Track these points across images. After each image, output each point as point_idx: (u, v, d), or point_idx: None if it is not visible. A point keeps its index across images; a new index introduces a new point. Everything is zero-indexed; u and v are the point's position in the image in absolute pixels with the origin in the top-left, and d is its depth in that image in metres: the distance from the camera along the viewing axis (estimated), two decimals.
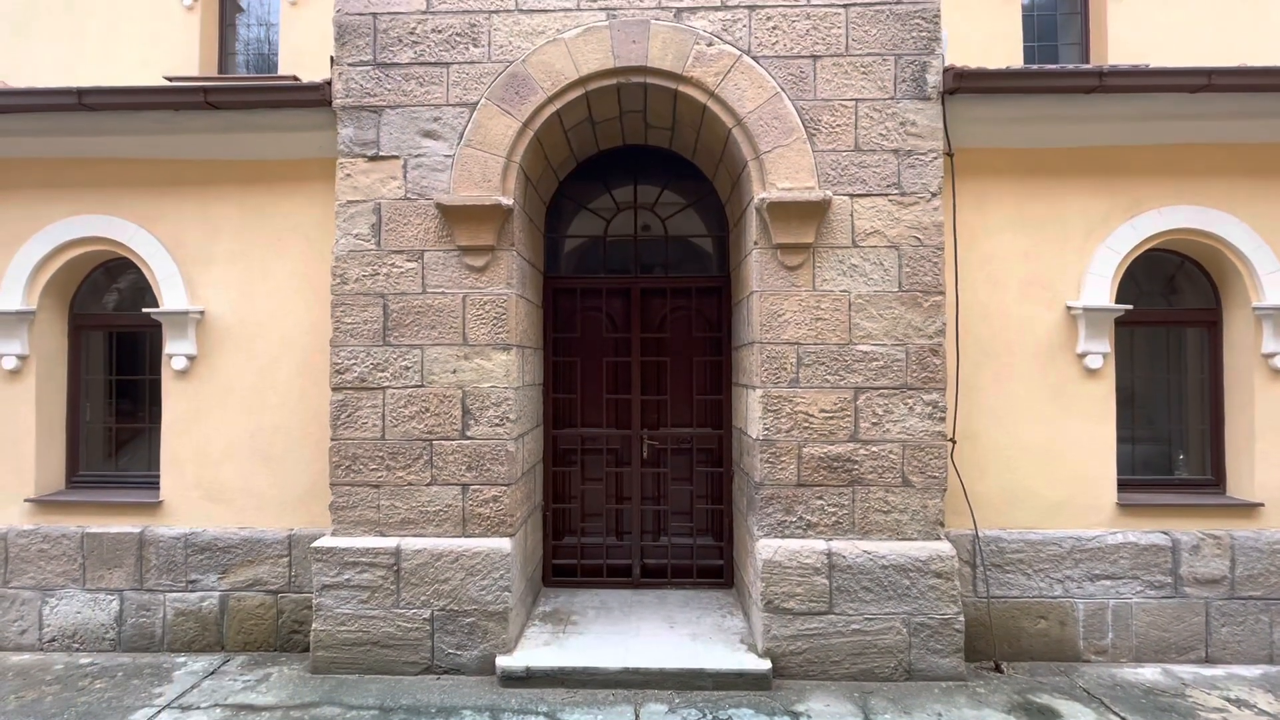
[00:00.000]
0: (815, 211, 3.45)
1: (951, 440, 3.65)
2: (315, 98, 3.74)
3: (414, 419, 3.63)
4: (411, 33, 3.67)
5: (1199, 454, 4.09)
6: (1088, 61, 5.83)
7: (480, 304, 3.63)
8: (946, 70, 3.55)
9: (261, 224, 4.01)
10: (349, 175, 3.66)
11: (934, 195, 3.52)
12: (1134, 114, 3.67)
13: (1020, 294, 3.78)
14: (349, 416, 3.64)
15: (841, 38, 3.57)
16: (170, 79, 5.64)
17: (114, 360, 4.45)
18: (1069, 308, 3.74)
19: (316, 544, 3.58)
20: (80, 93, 3.77)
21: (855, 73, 3.56)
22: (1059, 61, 5.94)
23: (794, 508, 3.53)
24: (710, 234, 4.62)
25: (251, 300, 4.01)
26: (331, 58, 3.74)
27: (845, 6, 3.57)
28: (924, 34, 3.56)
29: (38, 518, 4.07)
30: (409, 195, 3.65)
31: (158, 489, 4.06)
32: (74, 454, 4.31)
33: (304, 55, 6.02)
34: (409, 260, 3.65)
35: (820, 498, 3.52)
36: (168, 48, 6.09)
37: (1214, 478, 3.99)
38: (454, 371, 3.62)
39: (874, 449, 3.52)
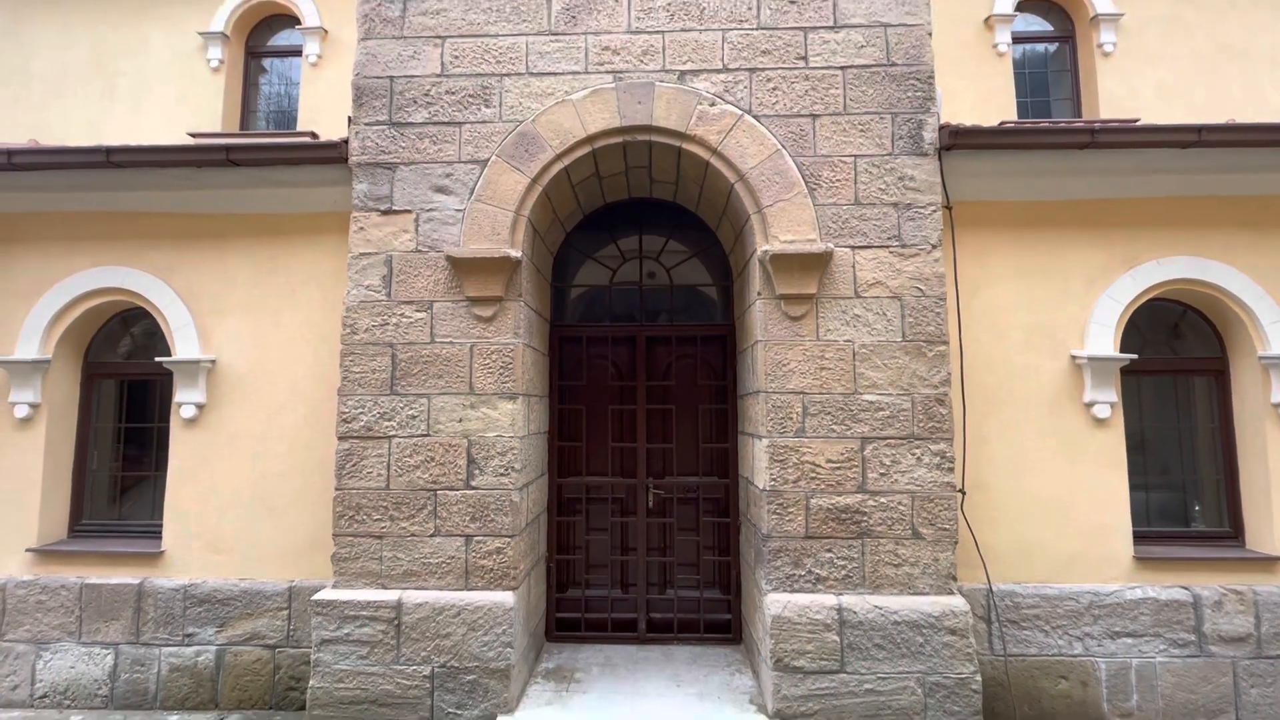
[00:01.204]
0: (817, 263, 3.51)
1: (961, 491, 3.60)
2: (332, 155, 3.88)
3: (419, 468, 3.62)
4: (426, 94, 3.83)
5: (1215, 505, 4.01)
6: (1080, 116, 6.01)
7: (487, 353, 3.67)
8: (942, 128, 3.66)
9: (275, 275, 4.10)
10: (362, 229, 3.77)
11: (934, 247, 3.58)
12: (1128, 168, 3.76)
13: (1024, 343, 3.79)
14: (354, 466, 3.63)
15: (839, 98, 3.70)
16: (194, 135, 5.88)
17: (124, 408, 4.49)
18: (1074, 357, 3.75)
19: (317, 596, 3.52)
20: (109, 151, 3.93)
21: (854, 131, 3.68)
22: (1052, 115, 6.13)
23: (802, 561, 3.46)
24: (715, 283, 4.68)
25: (263, 349, 4.07)
26: (349, 118, 3.89)
27: (842, 69, 3.72)
28: (919, 94, 3.69)
29: (38, 568, 4.04)
30: (420, 248, 3.74)
31: (159, 538, 4.04)
32: (78, 502, 4.31)
33: (321, 112, 6.30)
34: (418, 311, 3.71)
35: (829, 550, 3.46)
36: (194, 105, 6.37)
37: (1232, 530, 3.90)
38: (460, 420, 3.63)
39: (882, 500, 3.47)
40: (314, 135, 5.85)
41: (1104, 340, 3.72)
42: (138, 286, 4.13)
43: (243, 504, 3.99)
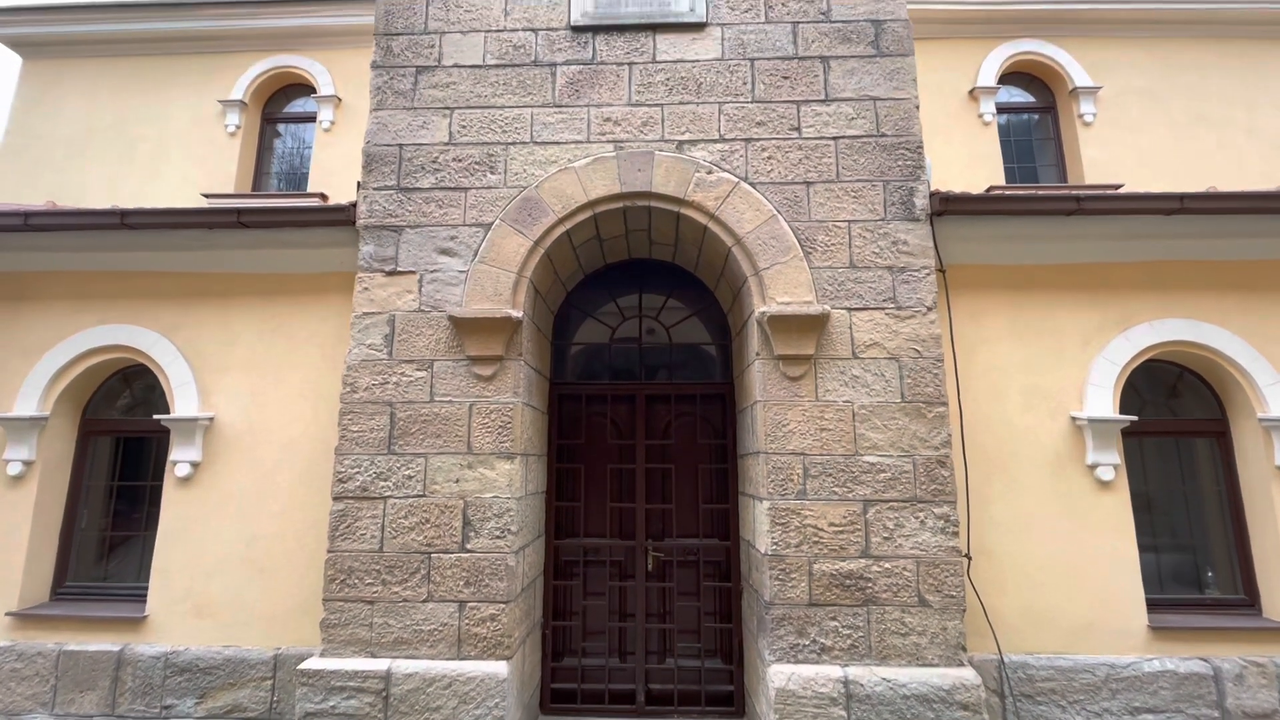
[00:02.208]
0: (814, 324, 3.55)
1: (967, 556, 3.53)
2: (340, 218, 3.99)
3: (413, 530, 3.56)
4: (434, 161, 3.97)
5: (1227, 570, 3.92)
6: (1065, 181, 6.21)
7: (486, 412, 3.66)
8: (933, 194, 3.77)
9: (278, 334, 4.14)
10: (366, 289, 3.83)
11: (929, 309, 3.63)
12: (1116, 233, 3.86)
13: (1023, 404, 3.79)
14: (348, 527, 3.57)
15: (832, 166, 3.84)
16: (208, 196, 6.07)
17: (118, 465, 4.45)
18: (1074, 418, 3.74)
19: (303, 666, 3.39)
20: (123, 214, 4.04)
21: (847, 197, 3.80)
22: (1038, 180, 6.33)
23: (807, 629, 3.35)
24: (714, 341, 4.72)
25: (262, 407, 4.06)
26: (359, 182, 4.02)
27: (835, 139, 3.87)
28: (909, 163, 3.83)
29: (16, 633, 3.91)
30: (423, 308, 3.79)
31: (144, 601, 3.93)
32: (63, 563, 4.21)
33: (332, 174, 6.51)
34: (418, 370, 3.73)
35: (834, 618, 3.36)
36: (209, 167, 6.60)
37: (1247, 597, 3.80)
38: (456, 481, 3.59)
39: (887, 565, 3.39)
40: (324, 197, 6.05)
41: (1103, 402, 3.73)
42: (142, 344, 4.16)
43: (232, 566, 3.89)
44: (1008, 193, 4.80)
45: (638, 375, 4.67)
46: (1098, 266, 3.92)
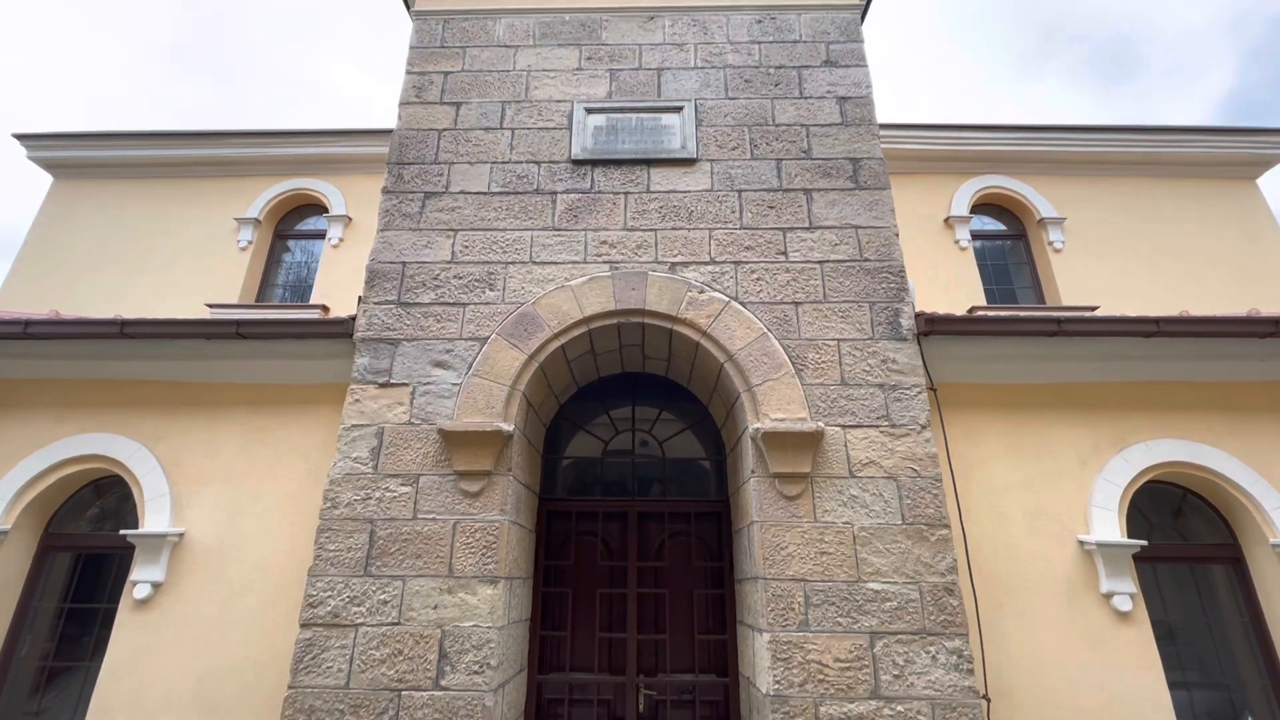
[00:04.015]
0: (809, 442, 3.51)
1: (985, 698, 3.25)
2: (338, 330, 4.03)
3: (384, 663, 3.27)
4: (435, 278, 4.10)
5: (1265, 708, 3.61)
6: (1043, 302, 6.46)
7: (471, 531, 3.51)
8: (918, 315, 3.89)
9: (263, 445, 4.05)
10: (358, 400, 3.80)
11: (924, 427, 3.61)
12: (1099, 354, 3.94)
13: (1027, 527, 3.67)
14: (313, 659, 3.28)
15: (819, 287, 3.98)
16: (211, 305, 6.20)
17: (74, 584, 4.17)
18: (1081, 542, 3.61)
19: None
20: (123, 323, 4.09)
21: (834, 317, 3.90)
22: (1017, 301, 6.59)
23: None
24: (708, 456, 4.65)
25: (237, 523, 3.88)
26: (360, 296, 4.12)
27: (820, 263, 4.05)
28: (893, 285, 3.98)
29: None
30: (413, 420, 3.75)
31: None
32: None
33: (336, 287, 6.71)
34: (403, 485, 3.61)
35: None
36: (217, 279, 6.79)
37: None
38: (435, 607, 3.36)
39: (899, 708, 3.11)
40: (325, 309, 6.19)
41: (1109, 525, 3.62)
42: (121, 454, 4.05)
43: (181, 704, 3.53)
44: (990, 314, 4.96)
45: (630, 490, 4.55)
46: (1087, 386, 3.96)
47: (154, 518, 3.88)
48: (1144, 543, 3.60)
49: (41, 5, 36.95)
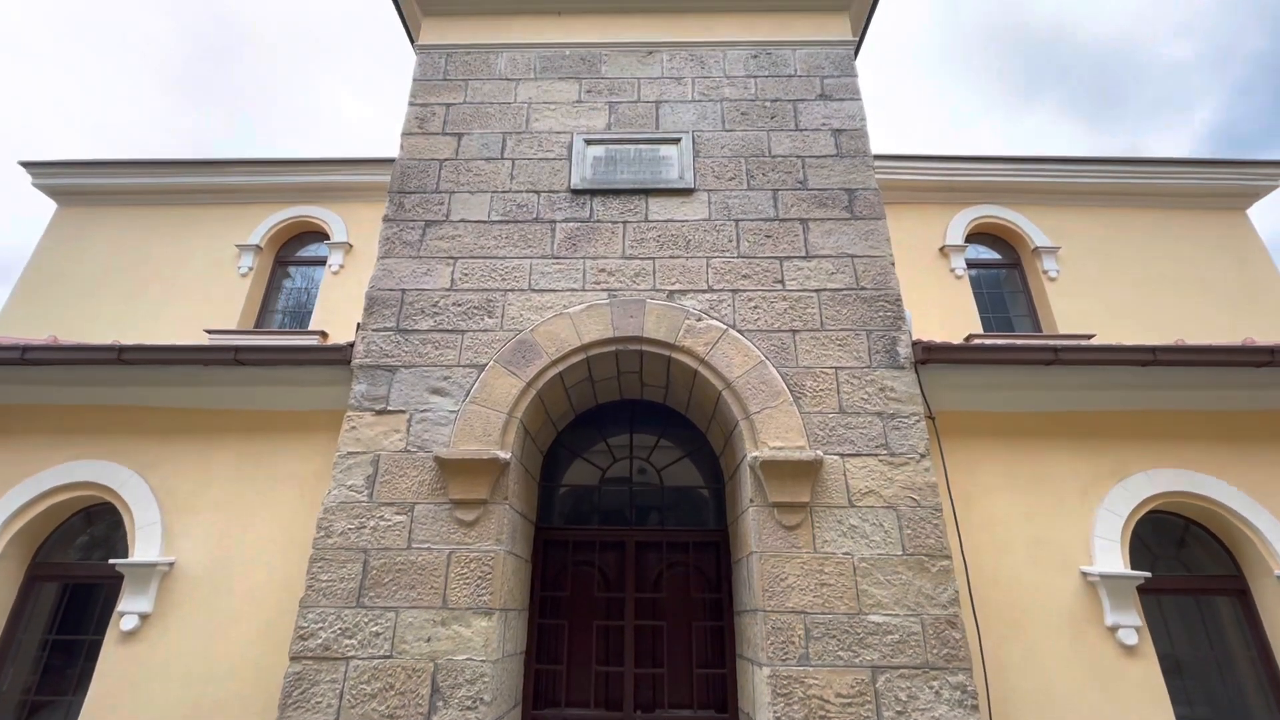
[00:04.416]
0: (808, 471, 3.48)
1: None
2: (336, 357, 4.03)
3: (375, 698, 3.19)
4: (434, 305, 4.12)
5: None
6: (1039, 329, 6.49)
7: (466, 561, 3.46)
8: (915, 343, 3.90)
9: (257, 472, 4.01)
10: (354, 428, 3.78)
11: (923, 456, 3.60)
12: (1096, 383, 3.95)
13: (1029, 558, 3.63)
14: (302, 694, 3.20)
15: (816, 316, 4.00)
16: (210, 331, 6.20)
17: (60, 615, 4.08)
18: (1084, 574, 3.56)
19: None
20: (120, 349, 4.08)
21: (832, 345, 3.91)
22: (1014, 329, 6.61)
23: None
24: (707, 485, 4.61)
25: (228, 552, 3.82)
26: (358, 323, 4.12)
27: (817, 292, 4.07)
28: (889, 314, 4.00)
29: None
30: (409, 448, 3.72)
31: None
32: None
33: (335, 313, 6.73)
34: (398, 513, 3.57)
35: None
36: (217, 305, 6.81)
37: None
38: (428, 640, 3.29)
39: None
40: (324, 335, 6.20)
41: (1112, 556, 3.58)
42: (113, 481, 4.00)
43: None
44: (987, 342, 4.98)
45: (628, 518, 4.50)
46: (1085, 415, 3.95)
47: (144, 546, 3.82)
48: (1148, 574, 3.55)
49: (55, 36, 37.79)
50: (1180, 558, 3.95)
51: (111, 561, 3.80)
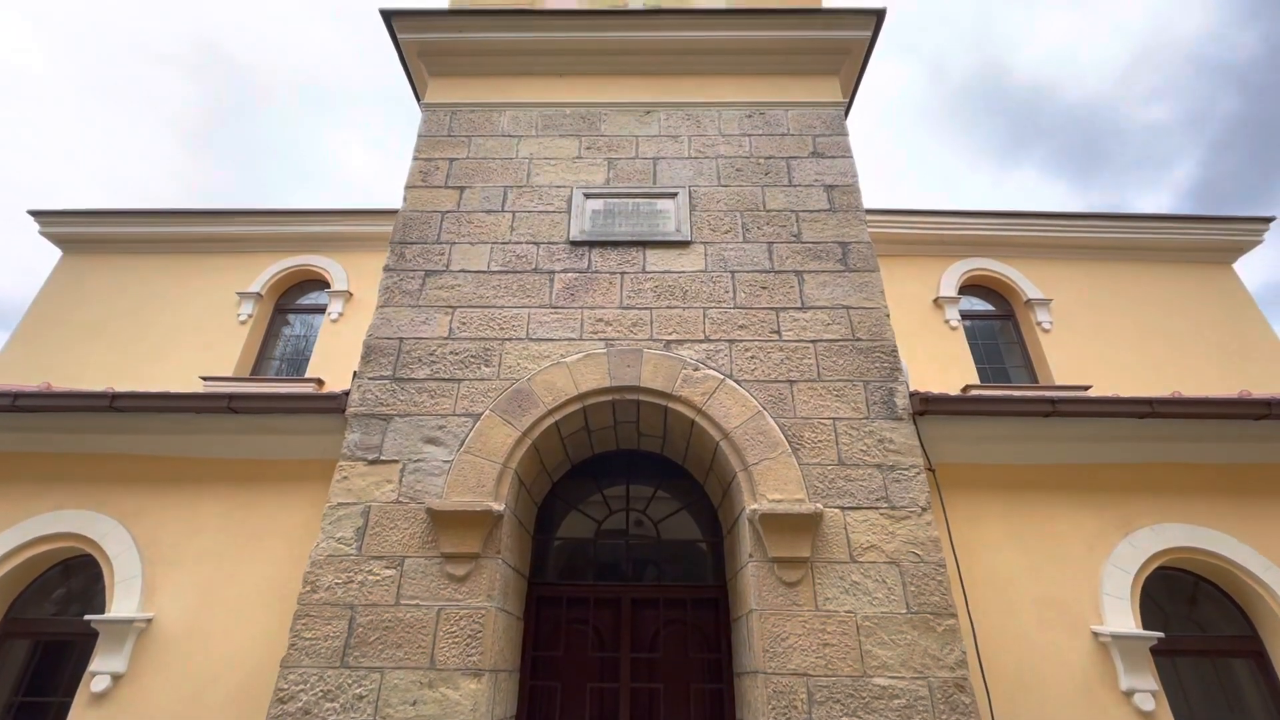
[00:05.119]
0: (808, 524, 3.41)
1: None
2: (331, 406, 4.00)
3: None
4: (432, 354, 4.12)
5: None
6: (1036, 380, 6.50)
7: (455, 619, 3.33)
8: (913, 394, 3.89)
9: (245, 523, 3.92)
10: (345, 478, 3.71)
11: (924, 510, 3.53)
12: (1095, 435, 3.92)
13: (1037, 617, 3.52)
14: None
15: (813, 366, 4.01)
16: (206, 379, 6.18)
17: (29, 676, 3.90)
18: (1096, 634, 3.45)
19: None
20: (113, 396, 4.05)
21: (829, 395, 3.90)
22: (1010, 380, 6.63)
23: None
24: (705, 539, 4.50)
25: (209, 607, 3.69)
26: (355, 372, 4.11)
27: (813, 342, 4.09)
28: (885, 364, 4.01)
29: None
30: (401, 499, 3.65)
31: None
32: None
33: (332, 360, 6.73)
34: (387, 567, 3.47)
35: None
36: (215, 352, 6.82)
37: None
38: (414, 703, 3.14)
39: None
40: (320, 382, 6.18)
41: (1122, 615, 3.47)
42: (95, 532, 3.90)
43: None
44: (984, 393, 4.97)
45: (624, 573, 4.37)
46: (1087, 467, 3.91)
47: (122, 602, 3.69)
48: (1161, 635, 3.44)
49: (76, 91, 39.17)
50: (1193, 616, 3.84)
51: (87, 618, 3.66)
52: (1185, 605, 3.85)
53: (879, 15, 5.24)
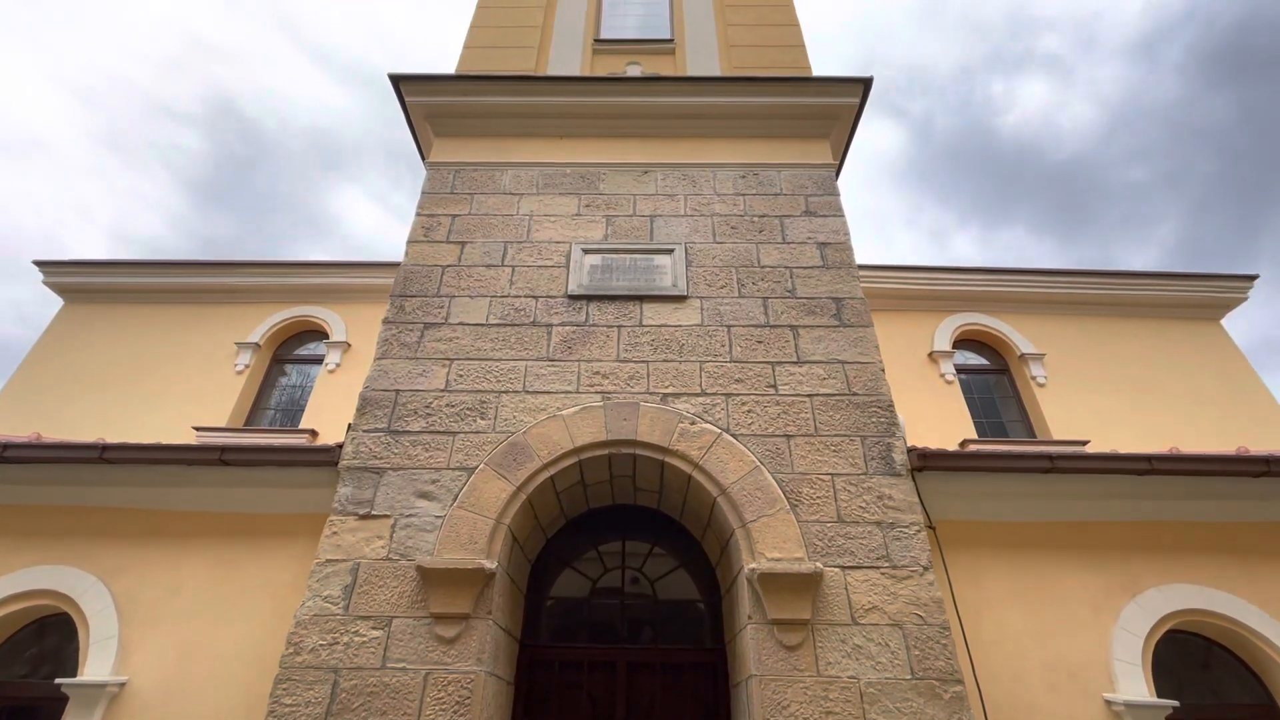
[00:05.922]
0: (808, 584, 3.33)
1: None
2: (324, 458, 3.96)
3: None
4: (427, 406, 4.10)
5: None
6: (1033, 435, 6.49)
7: (444, 684, 3.20)
8: (911, 450, 3.87)
9: (230, 580, 3.80)
10: (335, 533, 3.64)
11: (926, 569, 3.46)
12: (1096, 492, 3.88)
13: (1046, 683, 3.39)
14: None
15: (810, 420, 4.00)
16: (199, 430, 6.13)
17: None
18: (1109, 702, 3.32)
19: None
20: (103, 448, 4.00)
21: (827, 450, 3.88)
22: (1007, 434, 6.61)
23: None
24: (703, 598, 4.38)
25: (188, 670, 3.54)
26: (349, 424, 4.08)
27: (810, 396, 4.10)
28: (882, 420, 4.01)
29: None
30: (391, 555, 3.56)
31: None
32: None
33: (327, 411, 6.69)
34: (375, 628, 3.35)
35: None
36: (210, 402, 6.78)
37: None
38: None
39: None
40: (313, 434, 6.13)
41: (1135, 682, 3.35)
42: (73, 590, 3.78)
43: None
44: (984, 449, 4.95)
45: (619, 633, 4.23)
46: (1089, 525, 3.86)
47: (96, 664, 3.54)
48: (1175, 703, 3.32)
49: (83, 146, 40.34)
50: (1207, 683, 3.71)
51: (57, 681, 3.51)
52: (1198, 670, 3.73)
53: (866, 84, 5.50)
